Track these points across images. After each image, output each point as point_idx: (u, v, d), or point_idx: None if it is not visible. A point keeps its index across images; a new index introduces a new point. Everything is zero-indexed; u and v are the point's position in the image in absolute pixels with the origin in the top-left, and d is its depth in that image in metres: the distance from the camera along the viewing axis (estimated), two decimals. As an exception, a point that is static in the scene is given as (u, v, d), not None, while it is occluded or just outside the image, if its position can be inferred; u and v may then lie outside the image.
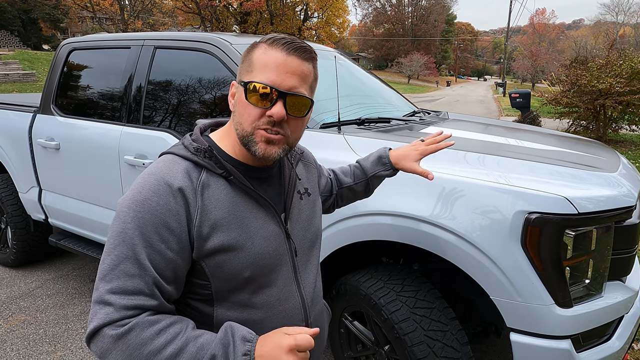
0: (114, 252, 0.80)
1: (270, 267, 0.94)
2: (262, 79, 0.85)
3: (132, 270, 0.79)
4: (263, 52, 0.87)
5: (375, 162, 1.37)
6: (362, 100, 2.76)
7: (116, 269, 0.79)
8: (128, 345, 0.76)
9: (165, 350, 0.77)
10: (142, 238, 0.81)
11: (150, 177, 0.85)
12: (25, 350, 2.52)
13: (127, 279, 0.79)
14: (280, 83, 0.85)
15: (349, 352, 2.04)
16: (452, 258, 1.60)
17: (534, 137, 2.44)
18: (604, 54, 10.72)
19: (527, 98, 11.79)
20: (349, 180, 1.37)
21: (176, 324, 0.81)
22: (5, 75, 16.01)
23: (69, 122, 2.79)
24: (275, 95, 0.85)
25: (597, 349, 1.59)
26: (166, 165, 0.87)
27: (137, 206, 0.82)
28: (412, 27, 68.42)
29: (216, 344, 0.79)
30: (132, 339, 0.77)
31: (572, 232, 1.47)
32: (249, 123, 0.87)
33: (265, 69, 0.86)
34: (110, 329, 0.77)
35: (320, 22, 41.55)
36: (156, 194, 0.82)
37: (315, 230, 1.07)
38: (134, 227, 0.81)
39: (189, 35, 2.44)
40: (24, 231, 3.33)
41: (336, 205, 1.40)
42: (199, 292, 0.91)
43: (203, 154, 0.90)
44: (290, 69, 0.86)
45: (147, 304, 0.80)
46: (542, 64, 44.77)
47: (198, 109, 2.35)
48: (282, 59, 0.86)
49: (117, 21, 32.86)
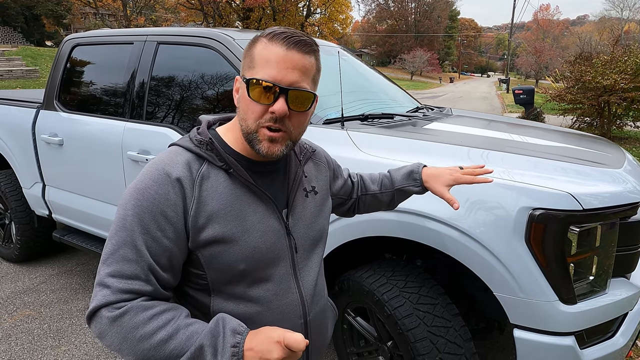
0: (115, 238, 0.84)
1: (266, 262, 0.94)
2: (263, 75, 0.85)
3: (129, 255, 0.82)
4: (264, 47, 0.87)
5: (406, 176, 1.31)
6: (366, 96, 2.75)
7: (115, 254, 0.83)
8: (122, 328, 0.79)
9: (156, 335, 0.79)
10: (141, 225, 0.83)
11: (152, 167, 0.88)
12: (29, 344, 2.53)
13: (124, 264, 0.82)
14: (281, 78, 0.85)
15: (352, 347, 2.04)
16: (455, 254, 1.60)
17: (538, 133, 2.42)
18: (608, 50, 10.64)
19: (531, 94, 11.73)
20: (374, 188, 1.34)
21: (169, 311, 0.83)
22: (9, 72, 16.04)
23: (72, 117, 2.79)
24: (277, 91, 0.85)
25: (601, 345, 1.58)
26: (169, 156, 0.90)
27: (138, 194, 0.85)
28: (415, 23, 68.15)
29: (205, 334, 0.80)
30: (126, 321, 0.79)
31: (576, 228, 1.46)
32: (252, 120, 0.87)
33: (266, 64, 0.85)
34: (107, 311, 0.80)
35: (323, 18, 41.44)
36: (156, 183, 0.85)
37: (320, 229, 1.07)
38: (134, 214, 0.84)
39: (192, 30, 2.44)
40: (28, 227, 3.35)
41: (357, 209, 1.36)
42: (196, 282, 0.93)
43: (205, 146, 0.91)
44: (291, 63, 0.85)
45: (143, 289, 0.83)
46: (546, 60, 44.51)
47: (201, 104, 2.35)
48: (282, 54, 0.85)
49: (119, 17, 32.84)
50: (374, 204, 1.36)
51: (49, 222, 3.35)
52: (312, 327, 1.03)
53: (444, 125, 2.35)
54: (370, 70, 3.21)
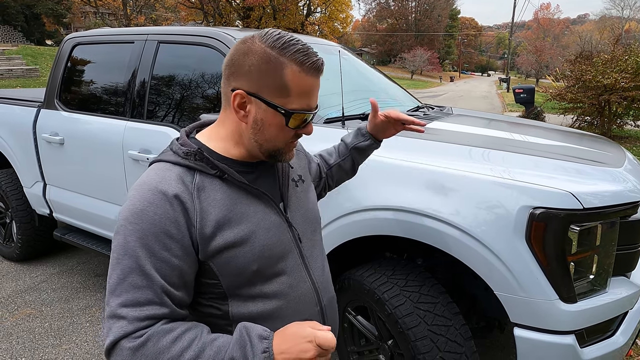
0: (119, 266, 0.81)
1: (276, 257, 0.94)
2: (302, 106, 0.88)
3: (139, 282, 0.80)
4: (298, 77, 0.85)
5: (355, 135, 1.39)
6: (366, 95, 2.74)
7: (124, 282, 0.80)
8: (146, 356, 0.77)
9: (183, 357, 0.78)
10: (145, 249, 0.81)
11: (144, 187, 0.84)
12: (30, 343, 2.54)
13: (135, 291, 0.79)
14: (313, 105, 0.90)
15: (353, 346, 2.05)
16: (456, 253, 1.60)
17: (539, 132, 2.42)
18: (609, 49, 10.62)
19: (531, 94, 11.73)
20: (334, 159, 1.39)
21: (191, 330, 0.82)
22: (9, 71, 16.03)
23: (73, 117, 2.80)
24: (310, 117, 0.90)
25: (601, 344, 1.59)
26: (158, 174, 0.86)
27: (135, 218, 0.81)
28: (416, 22, 68.06)
29: (233, 345, 0.80)
30: (150, 349, 0.77)
31: (577, 227, 1.46)
32: (283, 142, 0.91)
33: (303, 95, 0.87)
34: (127, 342, 0.77)
35: (323, 17, 41.39)
36: (152, 204, 0.82)
37: (315, 215, 1.09)
38: (135, 239, 0.81)
39: (193, 29, 2.44)
40: (29, 225, 3.35)
41: (327, 187, 1.40)
42: (211, 292, 0.91)
43: (194, 156, 0.88)
44: (318, 88, 0.90)
45: (159, 312, 0.81)
46: (546, 59, 44.45)
47: (202, 103, 2.35)
48: (315, 83, 0.89)
49: (119, 16, 32.79)
50: (339, 174, 1.40)
51: (49, 221, 3.35)
52: (328, 312, 1.05)
53: (444, 124, 2.35)
54: (371, 69, 3.21)
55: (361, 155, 1.40)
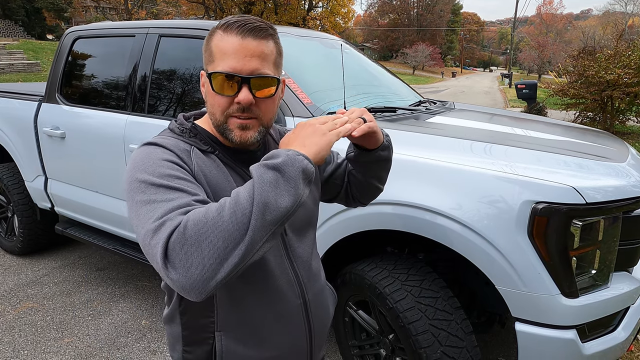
0: (139, 201, 0.76)
1: None
2: (224, 68, 0.85)
3: (168, 196, 0.75)
4: (220, 40, 0.87)
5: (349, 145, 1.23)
6: (368, 89, 2.74)
7: (152, 205, 0.74)
8: (196, 223, 0.69)
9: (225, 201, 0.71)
10: (161, 177, 0.78)
11: (143, 146, 0.87)
12: (33, 336, 2.55)
13: (167, 203, 0.74)
14: (241, 68, 0.85)
15: (354, 340, 2.05)
16: (457, 248, 1.60)
17: (541, 127, 2.41)
18: (612, 44, 10.57)
19: (534, 89, 11.69)
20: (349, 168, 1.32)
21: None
22: (10, 65, 16.03)
23: (74, 111, 2.79)
24: (239, 81, 0.85)
25: (603, 339, 1.59)
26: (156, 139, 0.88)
27: (142, 162, 0.81)
28: (418, 17, 67.74)
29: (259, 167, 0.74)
30: (192, 218, 0.70)
31: (579, 222, 1.46)
32: (220, 112, 0.89)
33: (224, 56, 0.85)
34: (178, 230, 0.69)
35: (325, 11, 41.18)
36: (154, 151, 0.84)
37: (307, 212, 1.05)
38: (148, 173, 0.78)
39: (194, 23, 2.42)
40: (31, 219, 3.36)
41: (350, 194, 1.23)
42: None
43: (188, 133, 0.93)
44: (248, 51, 0.85)
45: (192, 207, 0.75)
46: (549, 54, 44.25)
47: (202, 97, 2.34)
48: (238, 44, 0.85)
49: (120, 11, 32.73)
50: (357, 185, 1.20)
51: (51, 215, 3.35)
52: (312, 307, 1.03)
53: (446, 118, 2.34)
54: (373, 63, 3.19)
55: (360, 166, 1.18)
